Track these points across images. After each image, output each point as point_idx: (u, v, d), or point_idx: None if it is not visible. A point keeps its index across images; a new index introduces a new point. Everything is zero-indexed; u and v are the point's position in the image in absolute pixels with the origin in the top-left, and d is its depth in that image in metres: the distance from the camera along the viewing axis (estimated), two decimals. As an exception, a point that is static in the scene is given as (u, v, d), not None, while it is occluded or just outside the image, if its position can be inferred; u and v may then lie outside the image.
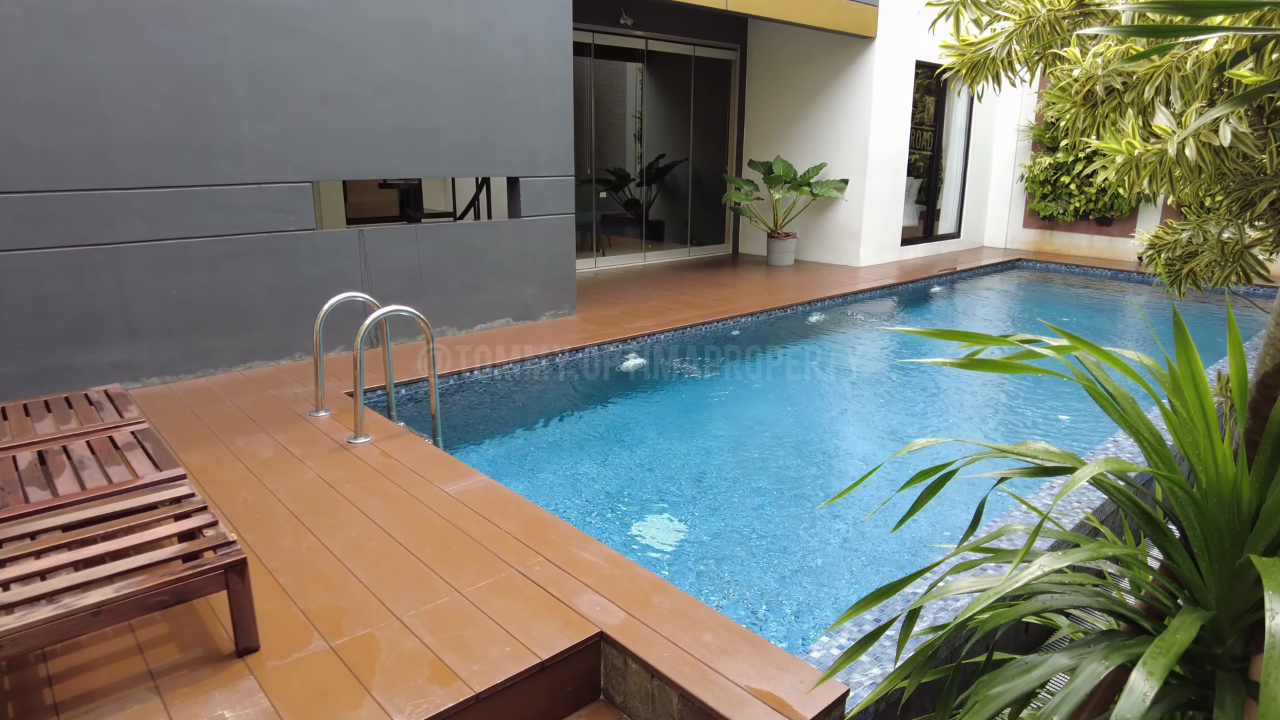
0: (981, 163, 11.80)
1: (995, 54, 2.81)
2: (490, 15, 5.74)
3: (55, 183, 4.29)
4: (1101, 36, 2.72)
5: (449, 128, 5.69)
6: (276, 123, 4.95)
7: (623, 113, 10.94)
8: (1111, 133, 2.53)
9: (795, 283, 8.63)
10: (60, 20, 4.17)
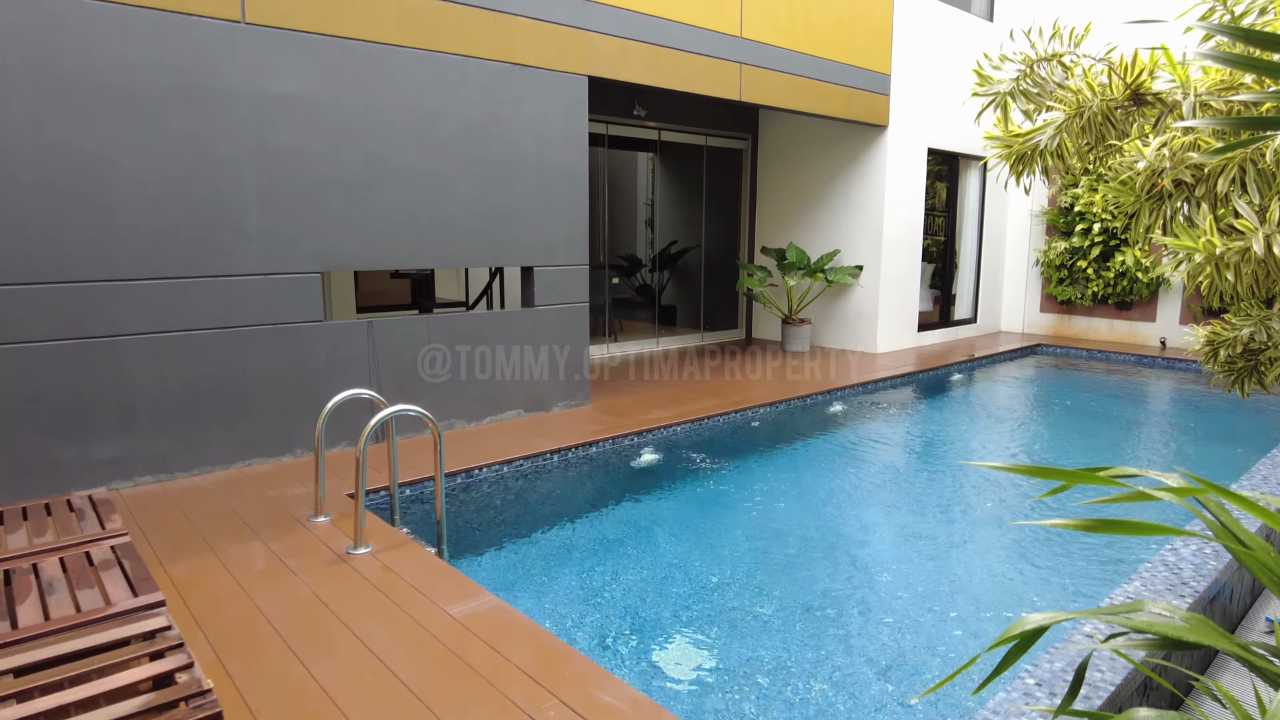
0: (995, 247, 11.74)
1: (1045, 146, 2.66)
2: (507, 106, 5.72)
3: (58, 273, 4.16)
4: (1163, 128, 2.56)
5: (463, 217, 5.61)
6: (287, 211, 4.85)
7: (635, 200, 10.99)
8: (1183, 229, 2.34)
9: (813, 370, 8.42)
10: (75, 104, 4.12)
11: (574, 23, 5.99)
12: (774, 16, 7.60)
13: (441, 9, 5.31)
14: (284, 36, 4.73)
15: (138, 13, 4.26)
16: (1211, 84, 2.45)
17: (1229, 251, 2.07)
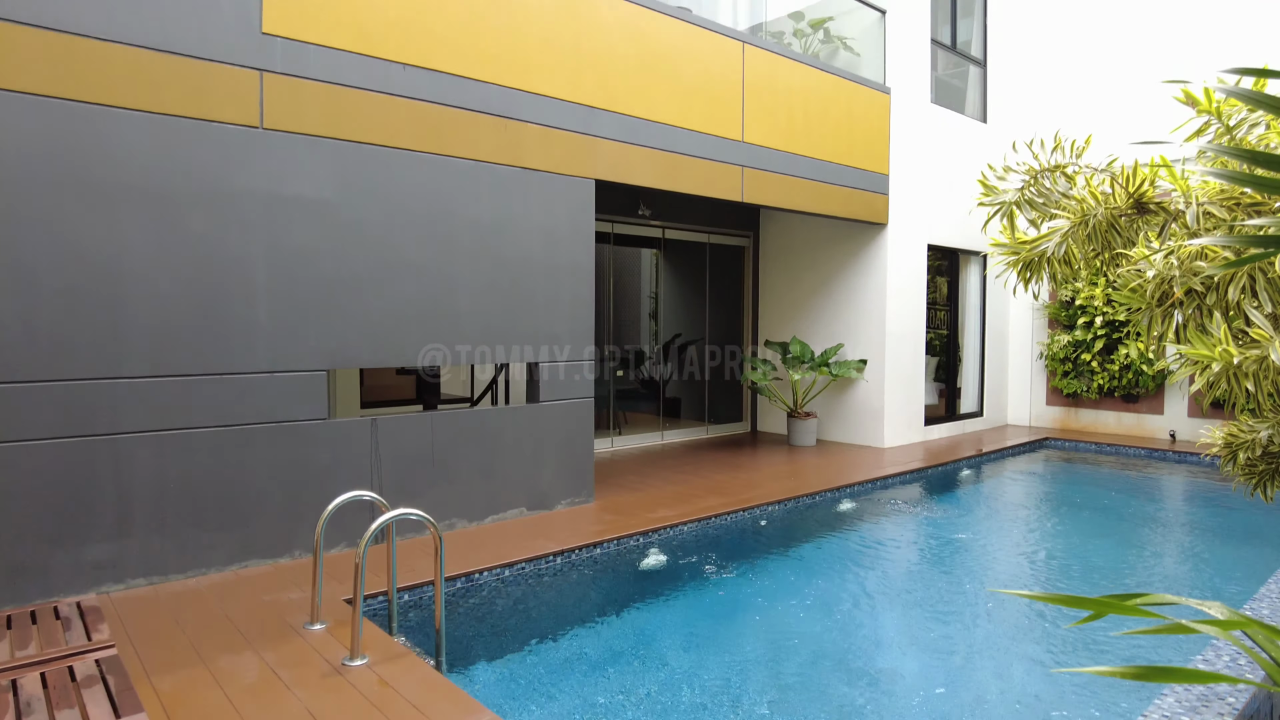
0: (998, 340, 11.79)
1: (1052, 253, 2.68)
2: (516, 207, 5.85)
3: (64, 370, 4.16)
4: (1168, 235, 2.58)
5: (470, 314, 5.65)
6: (295, 309, 4.89)
7: (639, 294, 11.12)
8: (1197, 337, 2.32)
9: (820, 466, 8.32)
10: (92, 204, 4.21)
11: (581, 129, 6.19)
12: (774, 121, 7.86)
13: (453, 115, 5.50)
14: (299, 140, 4.88)
15: (161, 119, 4.40)
16: (1213, 192, 2.48)
17: (1247, 361, 2.04)
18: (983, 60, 11.27)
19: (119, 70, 4.27)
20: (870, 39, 9.46)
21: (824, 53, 9.41)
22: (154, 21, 4.37)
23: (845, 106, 8.73)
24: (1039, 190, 2.37)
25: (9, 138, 3.98)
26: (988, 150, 11.10)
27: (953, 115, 10.52)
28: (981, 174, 2.46)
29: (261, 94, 4.75)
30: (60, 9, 4.09)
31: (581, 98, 6.19)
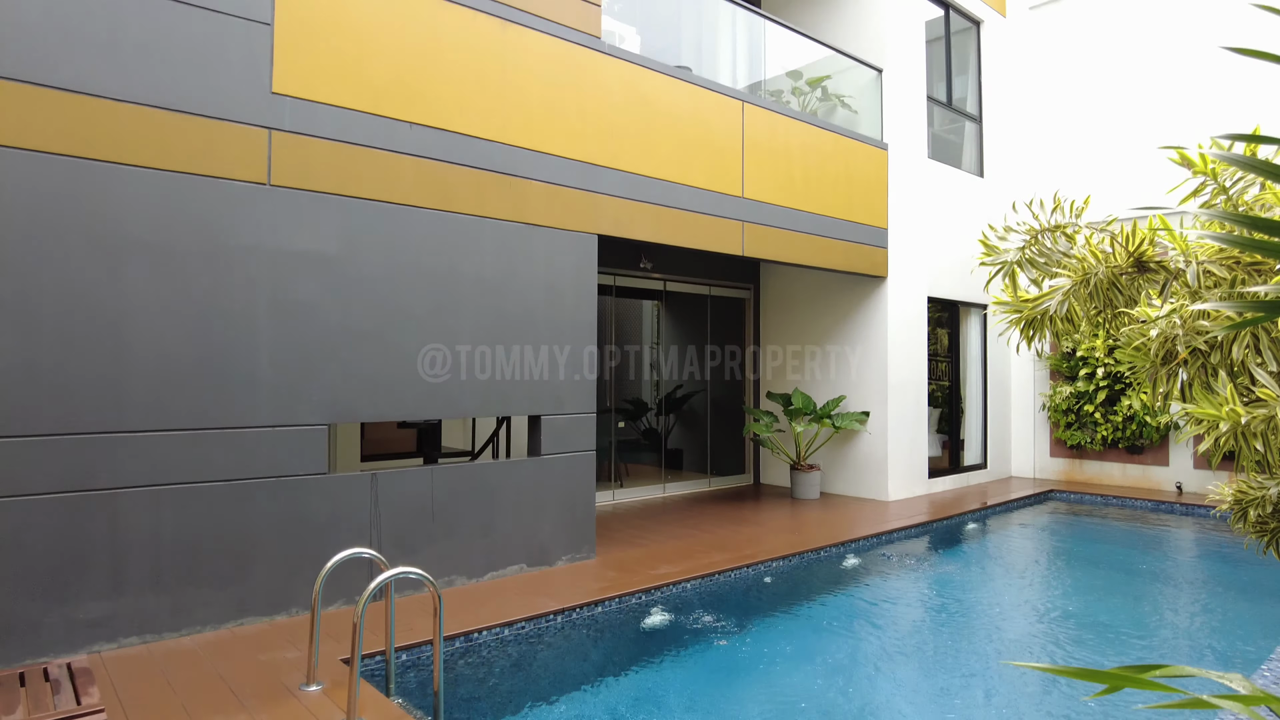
0: (1001, 392, 11.77)
1: (1054, 311, 2.68)
2: (520, 263, 5.90)
3: (66, 424, 4.15)
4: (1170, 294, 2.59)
5: (471, 370, 5.65)
6: (298, 363, 4.90)
7: (641, 344, 11.15)
8: (1203, 395, 2.31)
9: (824, 520, 8.23)
10: (101, 261, 4.25)
11: (584, 185, 6.28)
12: (774, 177, 7.98)
13: (458, 173, 5.58)
14: (305, 197, 4.95)
15: (170, 176, 4.47)
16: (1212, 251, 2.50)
17: (1255, 420, 2.03)
18: (978, 116, 11.49)
19: (131, 129, 4.36)
20: (867, 96, 9.66)
21: (822, 110, 9.60)
22: (167, 82, 4.47)
23: (844, 162, 8.87)
24: (1040, 250, 2.39)
25: (23, 195, 4.04)
26: (985, 203, 11.25)
27: (950, 170, 10.68)
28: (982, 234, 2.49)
29: (270, 151, 4.83)
30: (79, 71, 4.19)
31: (584, 155, 6.30)
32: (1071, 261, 2.52)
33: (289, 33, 4.91)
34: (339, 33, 5.10)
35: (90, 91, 4.23)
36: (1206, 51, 10.07)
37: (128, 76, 4.35)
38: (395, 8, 5.33)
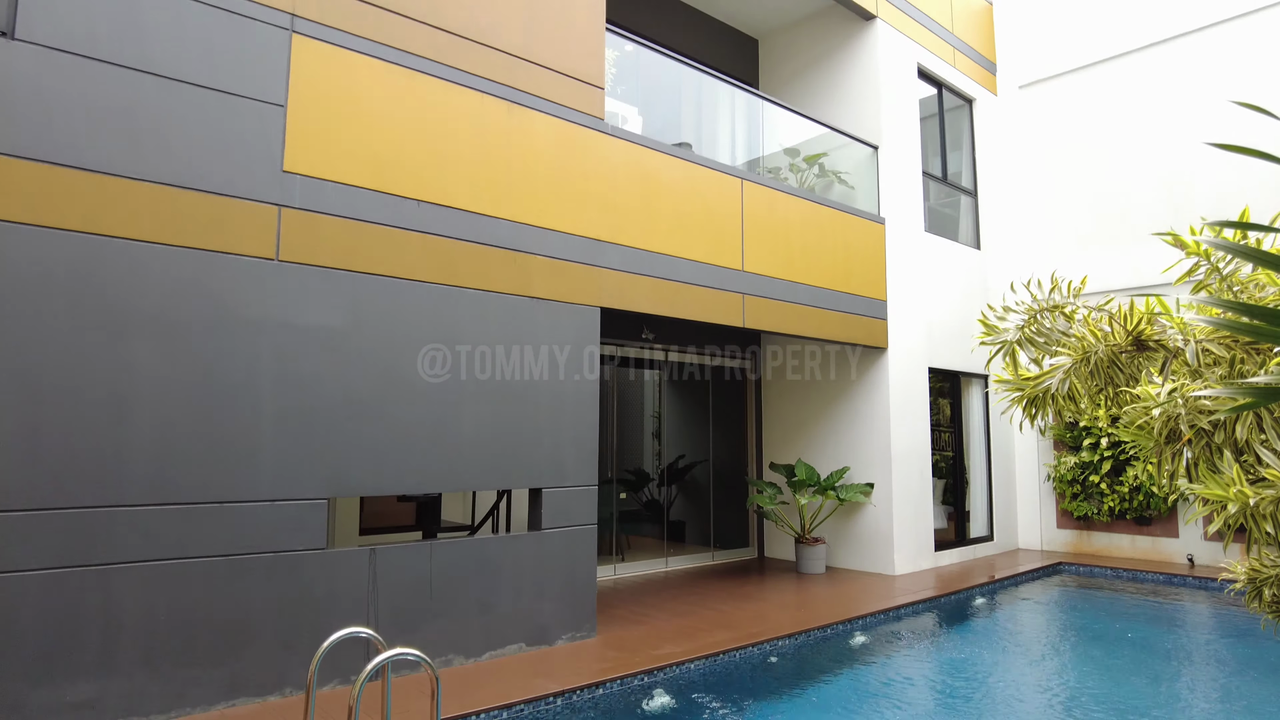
0: (1005, 462, 11.69)
1: (1055, 389, 2.70)
2: (523, 335, 5.95)
3: (65, 498, 4.12)
4: (1170, 372, 2.61)
5: (475, 441, 5.64)
6: (300, 437, 4.89)
7: (642, 414, 11.14)
8: (1210, 476, 2.30)
9: (830, 595, 8.07)
10: (107, 334, 4.29)
11: (587, 260, 6.38)
12: (773, 251, 8.11)
13: (464, 248, 5.68)
14: (313, 272, 5.02)
15: (180, 251, 4.55)
16: (1209, 329, 2.52)
17: (1263, 501, 2.02)
18: (973, 190, 11.74)
19: (144, 206, 4.45)
20: (864, 172, 9.89)
21: (819, 186, 9.82)
22: (182, 161, 4.59)
23: (842, 236, 9.03)
24: (1039, 329, 2.41)
25: (35, 269, 4.11)
26: (983, 275, 11.39)
27: (947, 243, 10.85)
28: (982, 314, 2.52)
29: (279, 228, 4.93)
30: (97, 151, 4.31)
31: (588, 230, 6.42)
32: (1071, 340, 2.55)
33: (301, 113, 5.07)
34: (350, 113, 5.27)
35: (106, 170, 4.34)
36: (1196, 128, 10.35)
37: (143, 156, 4.47)
38: (405, 90, 5.51)
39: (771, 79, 11.17)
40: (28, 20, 4.18)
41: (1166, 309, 2.34)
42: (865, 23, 10.05)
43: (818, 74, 10.62)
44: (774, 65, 11.20)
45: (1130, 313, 2.39)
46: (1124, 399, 2.64)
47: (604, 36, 6.79)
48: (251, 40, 4.91)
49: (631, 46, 7.67)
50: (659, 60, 7.99)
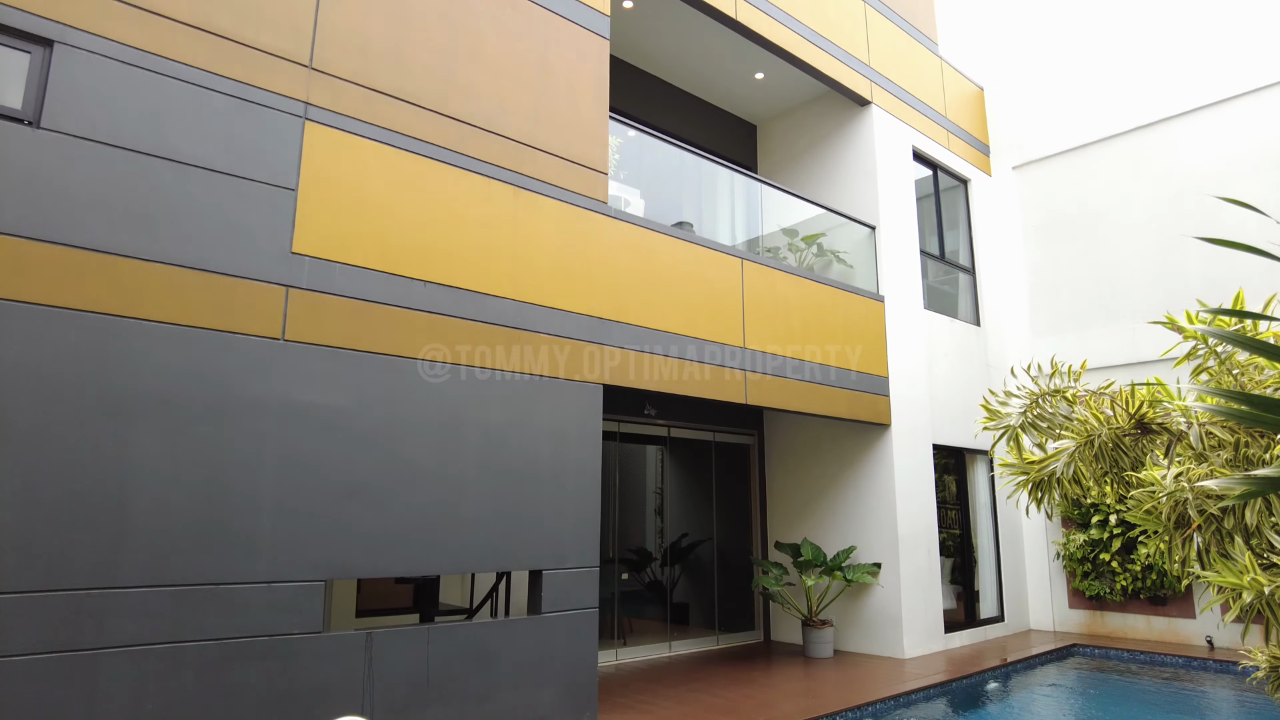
0: (1013, 539, 11.50)
1: (1060, 473, 2.69)
2: (526, 413, 5.95)
3: (59, 580, 4.04)
4: (1174, 454, 2.60)
5: (475, 521, 5.58)
6: (299, 518, 4.84)
7: (644, 490, 11.03)
8: (1221, 563, 2.27)
9: (838, 680, 7.83)
10: (110, 415, 4.29)
11: (590, 338, 6.44)
12: (774, 328, 8.18)
13: (468, 327, 5.74)
14: (318, 352, 5.06)
15: (186, 331, 4.59)
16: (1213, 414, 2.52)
17: (1278, 590, 1.98)
18: (971, 268, 11.90)
19: (155, 287, 4.52)
20: (862, 251, 10.06)
21: (818, 265, 9.97)
22: (193, 243, 4.68)
23: (842, 314, 9.12)
24: (1041, 414, 2.42)
25: (44, 350, 4.14)
26: (984, 352, 11.45)
27: (946, 320, 10.95)
28: (984, 399, 2.53)
29: (286, 308, 4.99)
30: (110, 233, 4.40)
31: (591, 309, 6.50)
32: (1074, 424, 2.55)
33: (311, 197, 5.20)
34: (359, 196, 5.40)
35: (118, 251, 4.43)
36: (1188, 206, 10.57)
37: (156, 238, 4.56)
38: (414, 174, 5.66)
39: (770, 161, 11.48)
40: (54, 110, 4.34)
41: (1169, 393, 2.34)
42: (860, 108, 10.39)
43: (815, 156, 10.92)
44: (772, 148, 11.53)
45: (1132, 396, 2.40)
46: (1130, 481, 2.63)
47: (608, 125, 7.01)
48: (266, 127, 5.08)
49: (634, 133, 7.91)
50: (661, 145, 8.23)
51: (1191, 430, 2.42)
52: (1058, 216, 11.96)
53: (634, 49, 9.61)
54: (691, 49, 9.63)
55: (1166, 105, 10.96)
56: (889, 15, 11.04)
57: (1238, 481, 1.18)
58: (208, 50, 4.91)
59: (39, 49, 4.39)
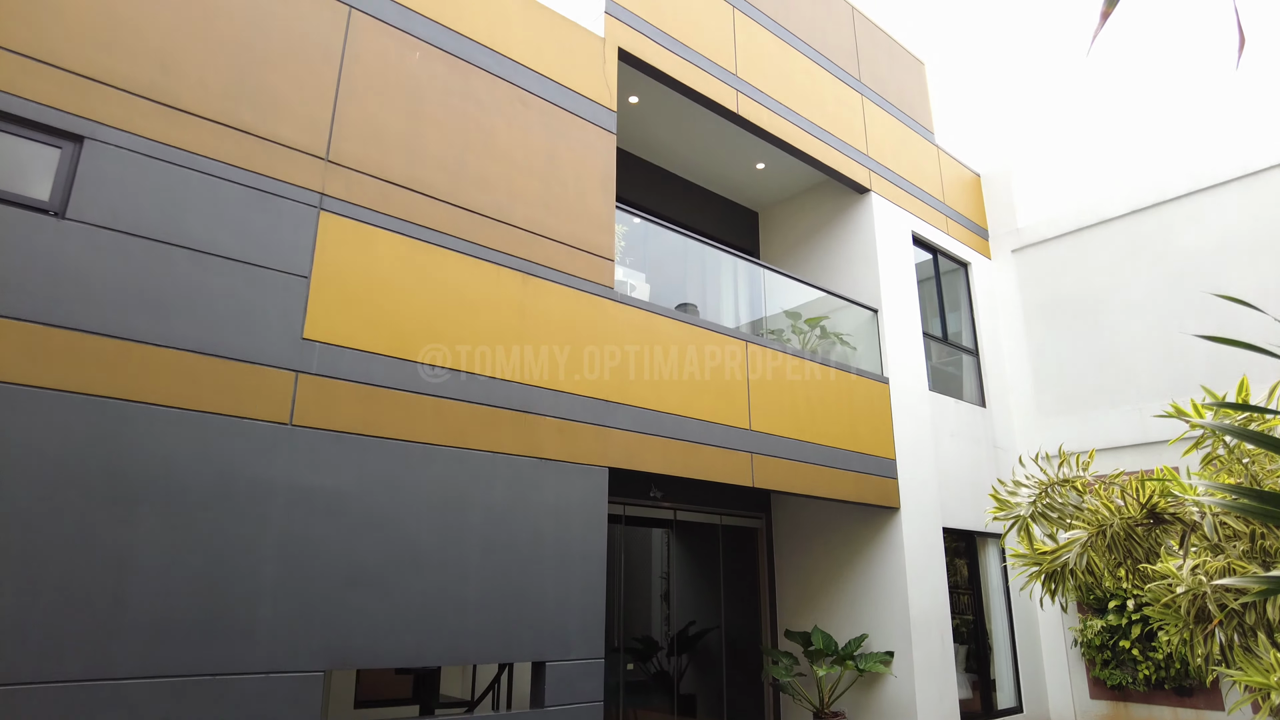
0: (1028, 625, 11.19)
1: (1073, 564, 2.65)
2: (530, 496, 5.91)
3: (52, 672, 3.95)
4: (1189, 544, 2.57)
5: (478, 610, 5.47)
6: (300, 606, 4.75)
7: (650, 575, 10.82)
8: (1246, 660, 2.22)
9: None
10: (113, 502, 4.26)
11: (596, 420, 6.45)
12: (779, 410, 8.18)
13: (474, 412, 5.76)
14: (324, 437, 5.07)
15: (194, 415, 4.62)
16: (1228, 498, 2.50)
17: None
18: (974, 350, 11.97)
19: (166, 372, 4.57)
20: (865, 333, 10.14)
21: (822, 347, 10.04)
22: (206, 329, 4.75)
23: (847, 396, 9.13)
24: (1050, 504, 2.40)
25: (52, 434, 4.16)
26: (990, 433, 11.39)
27: (952, 402, 10.94)
28: (993, 488, 2.52)
29: (295, 393, 5.03)
30: (125, 319, 4.48)
31: (597, 392, 6.53)
32: (1084, 513, 2.53)
33: (323, 284, 5.30)
34: (370, 283, 5.51)
35: (132, 337, 4.49)
36: (1188, 287, 10.68)
37: (170, 324, 4.64)
38: (425, 261, 5.79)
39: (772, 245, 11.71)
40: (79, 202, 4.48)
41: (1180, 484, 2.33)
42: (860, 195, 10.65)
43: (817, 241, 11.13)
44: (774, 232, 11.77)
45: (1142, 487, 2.38)
46: (1146, 572, 2.59)
47: (614, 213, 7.20)
48: (282, 217, 5.22)
49: (640, 220, 8.11)
50: (665, 231, 8.42)
51: (1205, 520, 2.40)
52: (1059, 298, 12.08)
53: (639, 140, 9.93)
54: (694, 141, 9.95)
55: (1162, 189, 11.21)
56: (885, 106, 11.44)
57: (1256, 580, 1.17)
58: (229, 144, 5.10)
59: (70, 144, 4.56)
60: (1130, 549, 2.46)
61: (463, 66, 6.44)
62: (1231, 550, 2.36)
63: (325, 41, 5.71)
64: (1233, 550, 2.36)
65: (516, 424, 5.96)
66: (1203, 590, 2.15)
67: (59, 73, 4.57)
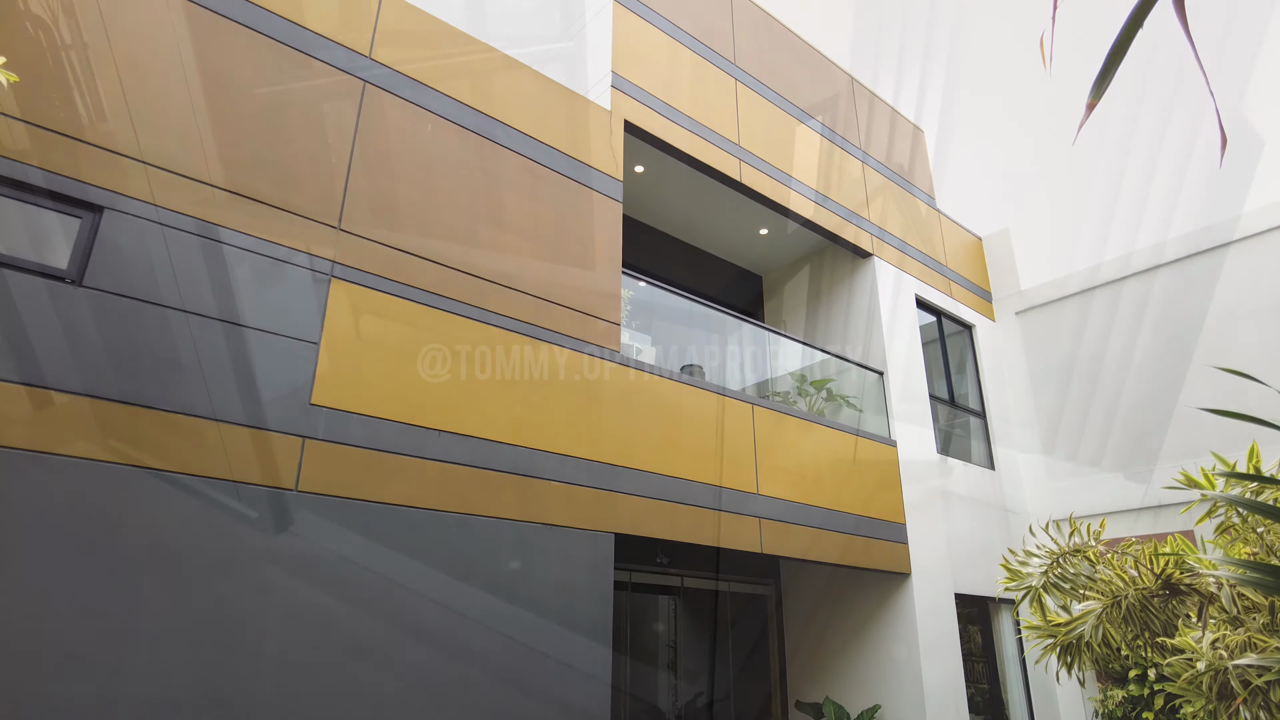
0: (1046, 695, 10.85)
1: (1089, 636, 2.60)
2: (535, 559, 5.84)
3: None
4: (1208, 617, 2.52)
5: (482, 680, 5.34)
6: (302, 680, 4.66)
7: (657, 643, 10.58)
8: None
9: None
10: (116, 575, 4.23)
11: (601, 485, 6.41)
12: (787, 474, 8.12)
13: (479, 476, 5.73)
14: (330, 503, 5.05)
15: (201, 481, 4.61)
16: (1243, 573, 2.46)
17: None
18: (981, 412, 11.92)
19: (174, 437, 4.59)
20: (871, 395, 10.13)
21: (828, 409, 10.02)
22: (216, 394, 4.79)
23: (854, 459, 9.07)
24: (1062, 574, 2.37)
25: (56, 500, 4.16)
26: (999, 496, 11.26)
27: (960, 464, 10.85)
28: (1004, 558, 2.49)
29: (301, 459, 5.03)
30: (136, 385, 4.52)
31: (602, 456, 6.50)
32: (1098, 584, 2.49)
33: (332, 350, 5.35)
34: (379, 349, 5.56)
35: (141, 403, 4.53)
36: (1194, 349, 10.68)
37: (180, 389, 4.67)
38: (435, 327, 5.84)
39: (776, 308, 11.79)
40: (96, 270, 4.57)
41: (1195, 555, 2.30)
42: (863, 259, 10.78)
43: (821, 304, 11.22)
44: (779, 296, 11.88)
45: (1156, 557, 2.35)
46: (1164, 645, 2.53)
47: (620, 279, 7.29)
48: (293, 285, 5.31)
49: (645, 284, 8.20)
50: (670, 296, 8.50)
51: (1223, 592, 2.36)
52: (1065, 360, 12.09)
53: (645, 208, 10.12)
54: (699, 208, 10.13)
55: (1163, 251, 11.31)
56: (887, 174, 11.66)
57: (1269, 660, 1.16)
58: (244, 214, 5.22)
59: (89, 214, 4.68)
60: (1147, 621, 2.42)
61: (473, 139, 6.62)
62: (1251, 623, 2.31)
63: (340, 116, 5.89)
64: (1253, 623, 2.31)
65: (520, 488, 5.93)
66: (1224, 666, 2.11)
67: (82, 146, 4.72)
